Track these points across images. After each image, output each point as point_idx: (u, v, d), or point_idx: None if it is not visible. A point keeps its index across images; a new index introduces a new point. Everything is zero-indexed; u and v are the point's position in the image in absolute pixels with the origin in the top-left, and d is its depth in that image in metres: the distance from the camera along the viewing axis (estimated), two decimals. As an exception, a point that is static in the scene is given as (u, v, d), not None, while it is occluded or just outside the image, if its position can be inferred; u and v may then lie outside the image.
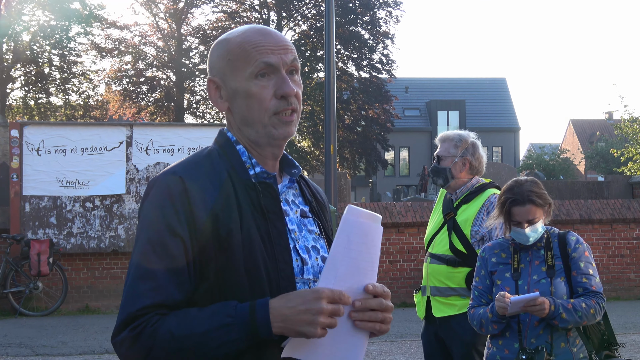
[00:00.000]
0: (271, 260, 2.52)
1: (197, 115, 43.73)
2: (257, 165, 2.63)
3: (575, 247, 5.06)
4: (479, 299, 5.20)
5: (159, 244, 2.46)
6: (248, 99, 2.59)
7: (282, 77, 2.59)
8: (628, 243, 18.94)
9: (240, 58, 2.59)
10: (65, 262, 16.67)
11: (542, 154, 51.78)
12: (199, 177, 2.54)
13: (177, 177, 2.52)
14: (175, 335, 2.37)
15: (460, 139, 6.43)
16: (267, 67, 2.58)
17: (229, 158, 2.63)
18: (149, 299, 2.41)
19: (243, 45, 2.60)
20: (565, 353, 4.95)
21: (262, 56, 2.58)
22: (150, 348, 2.38)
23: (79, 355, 12.24)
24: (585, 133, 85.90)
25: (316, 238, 2.73)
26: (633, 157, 27.67)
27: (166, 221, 2.48)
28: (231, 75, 2.61)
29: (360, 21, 43.48)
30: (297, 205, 2.75)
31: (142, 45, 42.09)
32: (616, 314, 15.60)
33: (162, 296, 2.42)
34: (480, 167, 6.39)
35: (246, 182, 2.59)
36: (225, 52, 2.63)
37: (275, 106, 2.58)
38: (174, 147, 16.94)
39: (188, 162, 2.60)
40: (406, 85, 74.03)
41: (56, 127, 17.38)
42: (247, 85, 2.58)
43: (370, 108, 43.51)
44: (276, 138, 2.61)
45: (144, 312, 2.40)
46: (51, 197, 16.44)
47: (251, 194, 2.58)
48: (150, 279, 2.43)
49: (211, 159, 2.62)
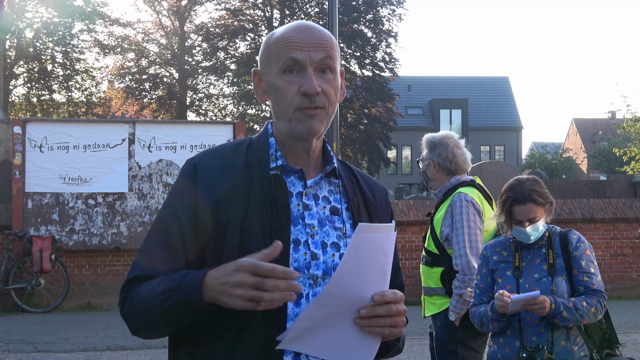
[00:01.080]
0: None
1: (199, 113, 43.77)
2: (281, 158, 2.68)
3: (577, 245, 5.06)
4: (480, 297, 5.20)
5: (162, 223, 2.65)
6: (276, 93, 2.65)
7: (307, 75, 2.61)
8: (630, 242, 18.93)
9: (274, 53, 2.65)
10: (68, 258, 16.68)
11: (545, 153, 51.70)
12: (211, 165, 2.65)
13: (192, 163, 2.67)
14: (135, 300, 2.56)
15: (429, 141, 6.51)
16: (293, 63, 2.61)
17: (259, 149, 2.71)
18: (139, 271, 2.61)
19: (278, 41, 2.65)
20: (566, 351, 4.96)
21: (289, 52, 2.61)
22: (127, 311, 2.61)
23: (80, 352, 12.25)
24: (588, 132, 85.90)
25: (340, 236, 2.71)
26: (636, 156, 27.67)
27: (172, 204, 2.65)
28: (267, 70, 2.68)
29: (363, 19, 43.48)
30: (329, 202, 2.74)
31: (145, 43, 42.16)
32: (618, 313, 15.59)
33: (152, 269, 2.58)
34: (453, 167, 6.36)
35: (263, 174, 2.64)
36: (266, 47, 2.70)
37: (299, 102, 2.61)
38: (176, 144, 16.94)
39: (210, 150, 2.73)
40: (409, 83, 74.00)
41: (59, 124, 17.40)
42: (276, 80, 2.64)
43: (372, 106, 43.51)
44: (299, 133, 2.64)
45: (133, 281, 2.62)
46: (53, 193, 16.45)
47: (264, 185, 2.62)
48: (148, 252, 2.63)
49: (236, 149, 2.71)
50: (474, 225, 5.98)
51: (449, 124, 73.40)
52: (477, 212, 6.04)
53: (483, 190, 6.27)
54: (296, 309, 2.55)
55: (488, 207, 6.20)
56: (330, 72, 2.66)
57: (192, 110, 43.37)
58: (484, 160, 38.64)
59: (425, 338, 12.66)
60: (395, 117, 45.88)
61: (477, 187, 6.26)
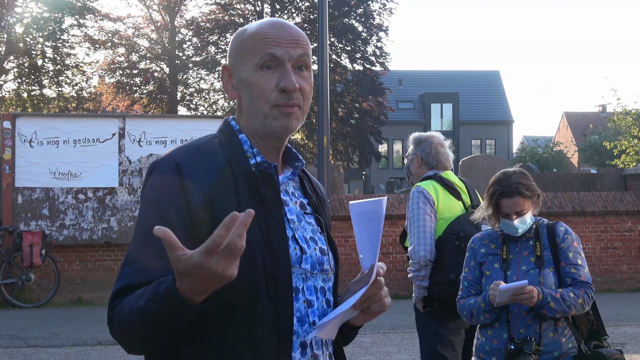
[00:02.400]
0: (267, 249, 2.52)
1: (190, 108, 43.74)
2: (259, 154, 2.64)
3: (564, 237, 5.08)
4: (468, 289, 5.21)
5: (147, 228, 2.43)
6: (251, 89, 2.60)
7: (285, 71, 2.60)
8: (620, 235, 18.98)
9: (250, 48, 2.61)
10: (58, 253, 16.66)
11: (536, 147, 51.86)
12: (196, 163, 2.54)
13: (173, 162, 2.53)
14: (121, 314, 2.40)
15: (416, 138, 6.88)
16: (272, 58, 2.59)
17: (231, 146, 2.64)
18: (126, 281, 2.44)
19: (254, 36, 2.61)
20: (553, 343, 4.97)
21: (268, 47, 2.59)
22: (118, 326, 2.43)
23: (71, 347, 12.24)
24: (579, 126, 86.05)
25: (314, 230, 2.74)
26: (626, 149, 27.74)
27: (156, 207, 2.50)
28: (241, 65, 2.63)
29: (354, 13, 43.47)
30: (297, 198, 2.76)
31: (136, 38, 42.08)
32: (608, 306, 15.64)
33: (141, 278, 2.42)
34: (434, 162, 6.70)
35: (246, 170, 2.59)
36: (239, 42, 2.65)
37: (276, 99, 2.58)
38: (166, 138, 16.92)
39: (187, 147, 2.62)
40: (400, 77, 74.13)
41: (49, 119, 17.35)
42: (252, 75, 2.59)
43: (363, 101, 43.54)
44: (275, 130, 2.61)
45: (120, 293, 2.44)
46: (43, 188, 16.42)
47: (250, 182, 2.58)
48: (134, 261, 2.46)
49: (212, 146, 2.63)
50: (422, 212, 6.31)
51: (440, 118, 73.58)
52: (427, 200, 6.36)
53: (444, 183, 6.53)
54: (296, 304, 2.58)
55: (447, 197, 6.47)
56: (306, 70, 2.67)
57: (183, 105, 43.32)
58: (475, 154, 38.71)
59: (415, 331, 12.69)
60: (386, 112, 45.96)
61: (438, 179, 6.54)
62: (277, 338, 2.51)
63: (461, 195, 6.56)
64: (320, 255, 2.69)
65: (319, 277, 2.68)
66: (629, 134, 27.90)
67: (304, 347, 2.60)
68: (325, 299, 2.70)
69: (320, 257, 2.69)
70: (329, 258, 2.75)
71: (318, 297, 2.67)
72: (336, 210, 17.57)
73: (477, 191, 6.79)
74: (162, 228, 2.15)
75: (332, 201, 17.36)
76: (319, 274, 2.68)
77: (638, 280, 19.05)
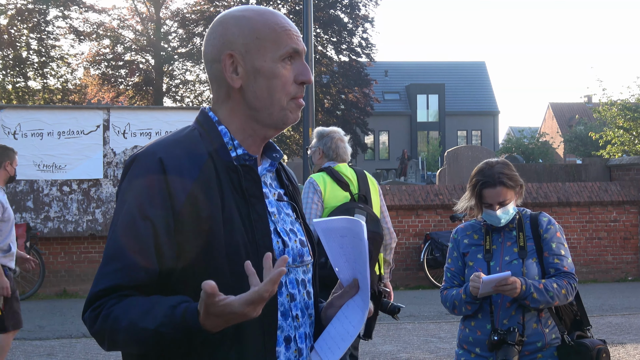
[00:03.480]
0: (251, 244, 2.50)
1: (176, 99, 43.64)
2: (240, 147, 2.61)
3: (547, 227, 5.08)
4: (451, 280, 5.21)
5: (128, 226, 2.43)
6: (272, 80, 2.58)
7: (304, 65, 2.62)
8: (605, 226, 19.04)
9: (270, 39, 2.58)
10: (43, 246, 16.63)
11: (522, 138, 51.94)
12: (178, 157, 2.49)
13: (156, 157, 2.48)
14: (120, 323, 2.35)
15: (319, 132, 7.69)
16: (294, 52, 2.60)
17: (211, 138, 2.60)
18: (110, 281, 2.40)
19: (273, 27, 2.60)
20: (537, 334, 4.97)
21: (291, 41, 2.60)
22: (104, 330, 2.39)
23: (56, 339, 12.22)
24: (564, 116, 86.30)
25: (293, 221, 2.73)
26: (611, 140, 27.80)
27: (138, 204, 2.45)
28: (257, 54, 2.58)
29: (340, 4, 43.45)
30: (275, 189, 2.74)
31: (121, 29, 41.93)
32: (593, 296, 15.69)
33: (124, 278, 2.39)
34: (334, 155, 7.48)
35: (228, 163, 2.56)
36: (251, 30, 2.59)
37: (295, 91, 2.60)
38: (151, 130, 16.89)
39: (168, 141, 2.56)
40: (386, 69, 74.17)
41: (33, 111, 17.30)
42: (274, 67, 2.57)
43: (349, 92, 43.57)
44: (290, 122, 2.63)
45: (103, 293, 2.40)
46: (28, 180, 16.37)
47: (232, 176, 2.55)
48: (115, 260, 2.41)
49: (192, 139, 2.58)
50: (310, 201, 7.10)
51: (426, 109, 73.69)
52: (315, 190, 7.15)
53: (334, 175, 7.27)
54: (280, 298, 2.58)
55: (334, 187, 7.22)
56: None
57: (168, 97, 43.23)
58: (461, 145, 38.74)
59: (400, 323, 12.71)
60: (372, 103, 45.96)
61: (329, 171, 7.29)
62: (262, 334, 2.50)
63: (349, 186, 7.26)
64: (300, 247, 2.69)
65: (299, 270, 2.67)
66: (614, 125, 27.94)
67: (287, 341, 2.59)
68: (306, 291, 2.70)
69: (300, 249, 2.68)
70: (309, 249, 2.75)
71: (300, 290, 2.66)
72: (322, 201, 17.54)
73: (464, 182, 6.94)
74: (210, 283, 2.19)
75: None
76: (299, 266, 2.67)
77: (623, 271, 19.13)
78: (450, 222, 17.63)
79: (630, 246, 19.13)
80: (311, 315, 2.72)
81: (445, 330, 12.64)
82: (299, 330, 2.63)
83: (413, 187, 18.87)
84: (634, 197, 18.99)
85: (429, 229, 18.03)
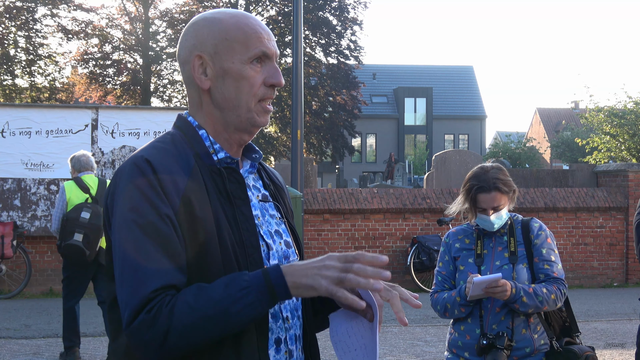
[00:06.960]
0: (239, 246, 2.51)
1: (164, 99, 43.53)
2: (221, 150, 2.61)
3: (538, 233, 5.09)
4: (442, 284, 5.22)
5: (149, 226, 2.39)
6: (240, 81, 2.57)
7: (275, 67, 2.62)
8: (592, 231, 19.10)
9: (239, 40, 2.58)
10: (29, 245, 16.58)
11: (508, 142, 52.00)
12: (167, 163, 2.48)
13: (143, 160, 2.47)
14: (194, 306, 2.31)
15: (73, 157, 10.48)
16: (263, 55, 2.60)
17: (192, 143, 2.59)
18: (158, 281, 2.35)
19: (243, 28, 2.59)
20: (526, 339, 4.99)
21: (261, 44, 2.59)
22: (169, 325, 2.30)
23: (42, 339, 12.18)
24: (551, 122, 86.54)
25: (278, 222, 2.73)
26: (598, 146, 27.85)
27: (150, 203, 2.41)
28: (225, 55, 2.58)
29: (329, 7, 43.46)
30: (258, 190, 2.74)
31: (109, 28, 41.79)
32: (579, 302, 15.73)
33: (168, 278, 2.36)
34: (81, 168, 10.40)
35: (211, 167, 2.57)
36: (220, 31, 2.59)
37: (263, 93, 2.60)
38: (139, 130, 16.86)
39: (154, 148, 2.55)
40: (374, 71, 74.21)
41: (21, 109, 17.26)
42: (242, 68, 2.57)
43: (337, 94, 43.58)
44: (257, 125, 2.62)
45: (156, 293, 2.34)
46: (15, 179, 16.32)
47: (216, 179, 2.56)
48: (151, 261, 2.36)
49: (176, 145, 2.57)
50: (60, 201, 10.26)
51: (414, 113, 73.75)
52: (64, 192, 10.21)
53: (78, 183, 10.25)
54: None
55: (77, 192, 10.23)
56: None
57: (156, 97, 43.11)
58: (448, 149, 38.77)
59: (387, 327, 12.71)
60: (360, 105, 46.00)
61: (76, 180, 10.25)
62: (255, 336, 2.50)
63: (90, 190, 10.20)
64: (286, 249, 2.70)
65: None
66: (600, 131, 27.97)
67: (278, 343, 2.59)
68: None
69: (285, 250, 2.70)
70: (294, 250, 2.76)
71: None
72: (309, 203, 17.56)
73: (451, 186, 6.93)
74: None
75: (305, 194, 17.35)
76: None
77: (608, 277, 19.18)
78: (438, 225, 17.66)
79: (616, 252, 19.18)
80: (300, 317, 2.72)
81: (431, 333, 12.66)
82: (289, 332, 2.64)
83: (401, 191, 18.88)
84: (620, 204, 19.05)
85: (416, 233, 18.06)
